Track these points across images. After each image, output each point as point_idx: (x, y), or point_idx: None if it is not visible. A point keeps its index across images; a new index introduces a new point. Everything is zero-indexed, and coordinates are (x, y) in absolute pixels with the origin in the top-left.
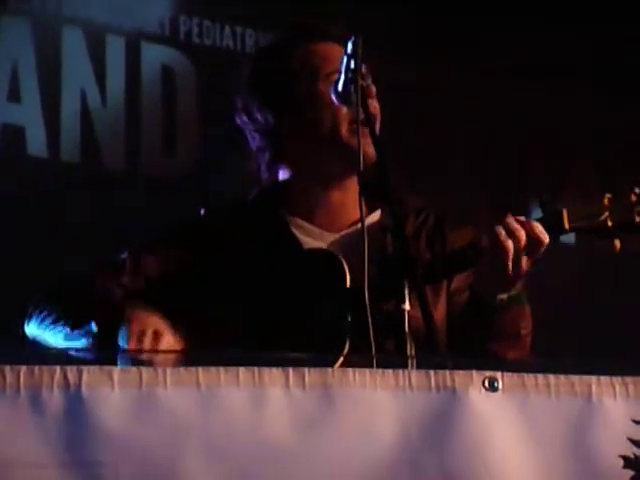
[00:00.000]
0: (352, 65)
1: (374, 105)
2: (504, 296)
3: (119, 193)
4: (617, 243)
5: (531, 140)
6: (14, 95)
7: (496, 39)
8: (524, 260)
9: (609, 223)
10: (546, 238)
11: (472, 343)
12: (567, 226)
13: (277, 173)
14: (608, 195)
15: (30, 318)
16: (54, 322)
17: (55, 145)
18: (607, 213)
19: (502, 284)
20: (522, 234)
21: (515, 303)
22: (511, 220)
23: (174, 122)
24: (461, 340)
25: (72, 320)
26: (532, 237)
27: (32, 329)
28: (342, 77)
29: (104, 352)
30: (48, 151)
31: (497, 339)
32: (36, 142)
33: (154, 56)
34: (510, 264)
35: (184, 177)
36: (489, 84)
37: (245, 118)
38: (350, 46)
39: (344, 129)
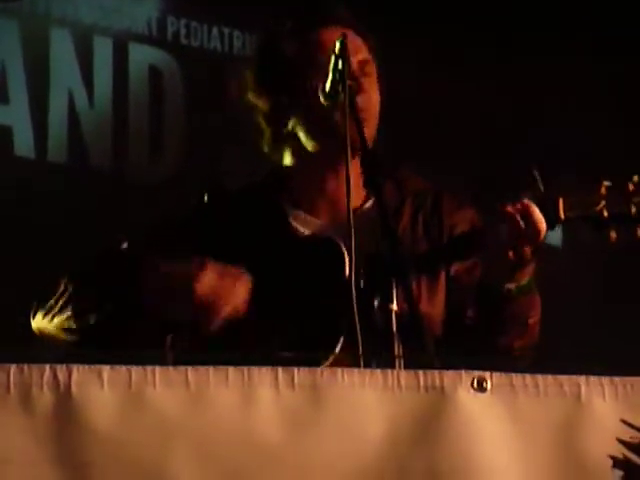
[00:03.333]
0: (340, 65)
1: (366, 99)
2: (512, 286)
3: (107, 193)
4: (613, 234)
5: (529, 122)
6: (2, 95)
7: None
8: (525, 245)
9: (605, 213)
10: (543, 223)
11: (477, 332)
12: (562, 215)
13: (281, 151)
14: (606, 183)
15: (36, 311)
16: (61, 309)
17: (43, 146)
18: (603, 202)
19: (507, 272)
20: (519, 218)
21: (524, 293)
22: (508, 205)
23: (161, 123)
24: (465, 328)
25: (83, 302)
26: (530, 221)
27: (38, 321)
28: (330, 77)
29: (95, 349)
30: (35, 152)
31: (504, 328)
32: (23, 143)
33: (142, 57)
34: (511, 249)
35: (170, 178)
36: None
37: (251, 93)
38: (338, 45)
39: (337, 115)
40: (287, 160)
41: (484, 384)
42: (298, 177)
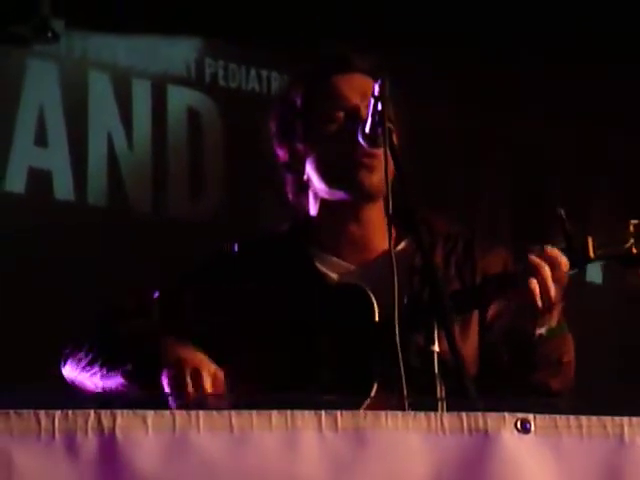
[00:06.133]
0: (379, 107)
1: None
2: (542, 330)
3: (146, 236)
4: None
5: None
6: (41, 139)
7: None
8: (553, 290)
9: (634, 250)
10: (565, 263)
11: (512, 373)
12: (592, 254)
13: (304, 197)
14: (634, 221)
15: (66, 360)
16: (90, 363)
17: (82, 189)
18: (632, 240)
19: (536, 317)
20: (545, 265)
21: (555, 335)
22: (533, 255)
23: (200, 165)
24: (499, 370)
25: (108, 361)
26: (555, 265)
27: (68, 371)
28: (369, 119)
29: (139, 394)
30: (75, 195)
31: (538, 368)
32: (63, 186)
33: (180, 99)
34: (538, 296)
35: (211, 220)
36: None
37: (274, 143)
38: (377, 88)
39: (353, 164)
40: (311, 208)
41: (528, 425)
42: (322, 223)
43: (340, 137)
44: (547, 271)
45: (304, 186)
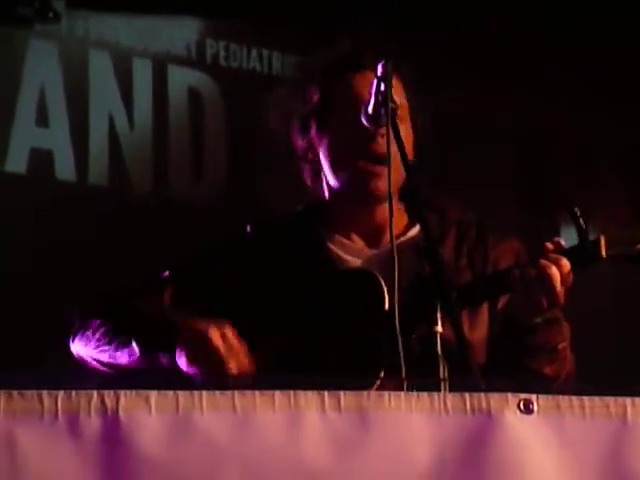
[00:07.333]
0: (382, 88)
1: (403, 128)
2: (539, 319)
3: (147, 216)
4: None
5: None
6: (42, 119)
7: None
8: (559, 291)
9: None
10: (567, 265)
11: (509, 360)
12: (604, 253)
13: (321, 186)
14: None
15: (76, 335)
16: (99, 340)
17: (83, 169)
18: None
19: (536, 311)
20: (555, 270)
21: (552, 323)
22: (546, 258)
23: (201, 144)
24: (499, 359)
25: (119, 336)
26: (560, 266)
27: (78, 346)
28: (372, 100)
29: (143, 374)
30: (76, 175)
31: (534, 355)
32: (64, 166)
33: (181, 79)
34: (546, 296)
35: (212, 200)
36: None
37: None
38: (380, 69)
39: (360, 165)
40: (326, 192)
41: (531, 406)
42: (336, 207)
43: (353, 137)
44: (556, 274)
45: (320, 172)
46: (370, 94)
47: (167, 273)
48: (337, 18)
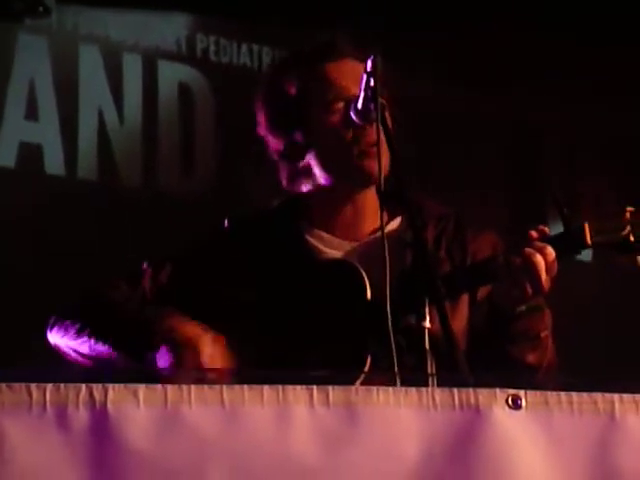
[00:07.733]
0: (371, 83)
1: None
2: (522, 308)
3: (137, 211)
4: (639, 258)
5: (548, 148)
6: (32, 113)
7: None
8: (544, 279)
9: (631, 238)
10: (552, 253)
11: (492, 349)
12: (589, 241)
13: (299, 183)
14: (630, 208)
15: (53, 327)
16: (79, 331)
17: (72, 163)
18: (629, 227)
19: (521, 299)
20: (538, 255)
21: (534, 311)
22: (530, 247)
23: (191, 139)
24: (481, 348)
25: (96, 331)
26: (545, 254)
27: (55, 337)
28: (361, 95)
29: (130, 368)
30: (65, 169)
31: (516, 342)
32: (54, 160)
33: (171, 74)
34: (530, 284)
35: (201, 194)
36: (507, 100)
37: (264, 131)
38: (369, 64)
39: (354, 152)
40: (304, 190)
41: (519, 402)
42: (314, 202)
43: (343, 128)
44: (541, 262)
45: (299, 173)
46: (360, 89)
47: (145, 265)
48: (337, 18)
